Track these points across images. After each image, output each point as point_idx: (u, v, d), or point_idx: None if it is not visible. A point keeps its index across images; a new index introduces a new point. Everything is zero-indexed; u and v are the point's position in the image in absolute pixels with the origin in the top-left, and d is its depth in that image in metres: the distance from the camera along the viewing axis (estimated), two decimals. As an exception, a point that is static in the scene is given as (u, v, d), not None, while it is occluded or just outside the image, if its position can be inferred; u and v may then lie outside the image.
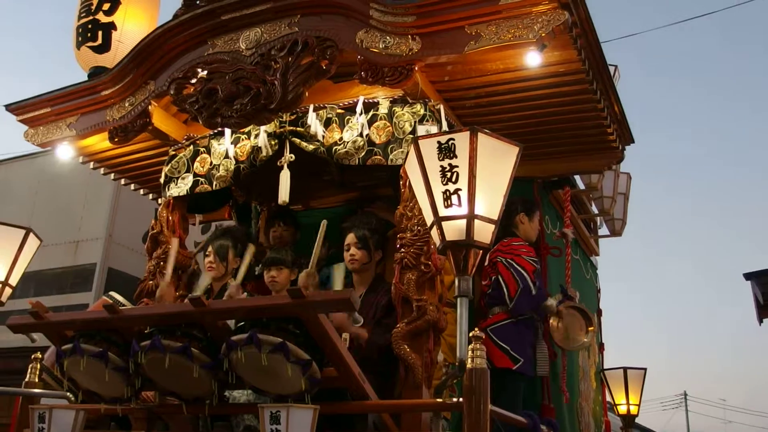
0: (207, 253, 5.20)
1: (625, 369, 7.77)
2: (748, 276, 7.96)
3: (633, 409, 7.82)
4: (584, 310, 5.63)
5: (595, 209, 7.87)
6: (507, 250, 5.22)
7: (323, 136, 4.85)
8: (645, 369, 7.94)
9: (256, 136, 5.08)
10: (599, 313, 7.54)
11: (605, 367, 7.65)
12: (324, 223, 4.53)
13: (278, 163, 4.94)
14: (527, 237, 5.43)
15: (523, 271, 5.11)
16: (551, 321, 5.42)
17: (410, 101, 4.63)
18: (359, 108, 4.73)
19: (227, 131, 5.15)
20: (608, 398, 7.72)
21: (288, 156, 4.95)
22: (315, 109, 4.89)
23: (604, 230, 8.32)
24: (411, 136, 4.46)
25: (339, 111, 4.86)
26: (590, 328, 5.58)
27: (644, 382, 7.91)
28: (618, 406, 7.86)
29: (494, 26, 4.09)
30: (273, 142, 5.02)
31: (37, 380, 4.63)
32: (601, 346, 7.57)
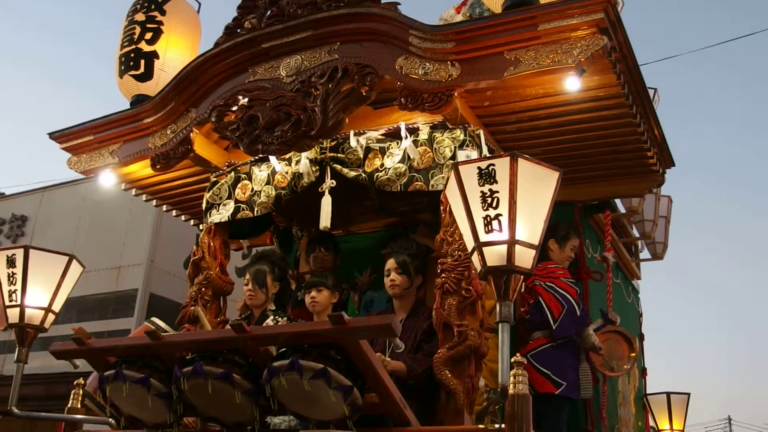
0: (245, 281, 5.18)
1: (668, 394, 7.67)
2: None
3: (677, 435, 7.71)
4: (626, 334, 5.57)
5: (636, 233, 7.81)
6: (544, 274, 5.19)
7: (365, 159, 4.87)
8: (688, 394, 7.83)
9: (297, 162, 5.10)
10: (641, 337, 7.45)
11: (648, 391, 7.56)
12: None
13: (319, 189, 4.95)
14: (558, 263, 5.39)
15: (565, 293, 5.07)
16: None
17: (450, 126, 4.63)
18: (404, 133, 4.72)
19: (273, 158, 5.18)
20: (651, 423, 7.62)
21: (329, 182, 4.95)
22: (355, 135, 4.91)
23: (645, 254, 8.25)
24: (451, 161, 4.45)
25: (379, 137, 4.88)
26: (632, 354, 5.52)
27: (688, 407, 7.80)
28: (662, 432, 7.76)
29: (533, 51, 4.11)
30: (314, 169, 5.02)
31: (79, 406, 4.65)
32: (644, 371, 7.49)
